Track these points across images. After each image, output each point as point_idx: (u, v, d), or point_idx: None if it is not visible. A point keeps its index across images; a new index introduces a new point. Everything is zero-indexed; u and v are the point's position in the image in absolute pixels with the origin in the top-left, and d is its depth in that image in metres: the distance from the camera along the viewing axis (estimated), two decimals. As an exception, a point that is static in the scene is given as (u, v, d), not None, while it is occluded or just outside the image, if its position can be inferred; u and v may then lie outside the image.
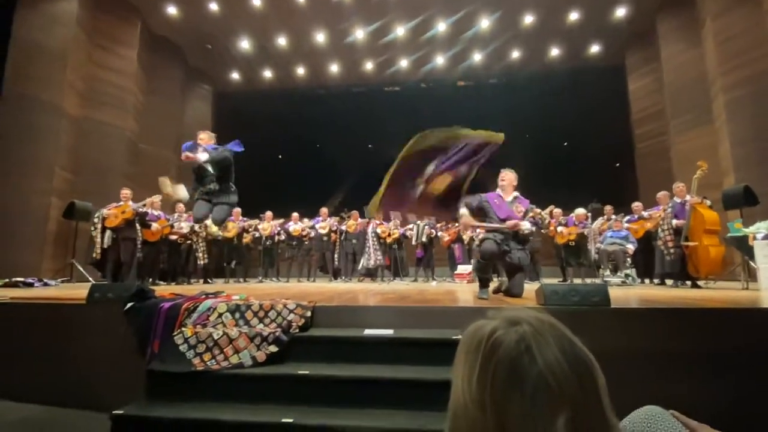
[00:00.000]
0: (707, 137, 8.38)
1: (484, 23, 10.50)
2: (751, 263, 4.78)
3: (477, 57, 12.02)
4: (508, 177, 3.79)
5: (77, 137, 8.19)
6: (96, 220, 6.36)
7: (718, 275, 5.41)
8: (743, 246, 4.84)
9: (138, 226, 6.46)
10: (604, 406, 0.53)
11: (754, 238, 4.64)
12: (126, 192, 6.47)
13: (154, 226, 6.59)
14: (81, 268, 7.05)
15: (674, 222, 5.50)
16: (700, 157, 6.45)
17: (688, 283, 5.40)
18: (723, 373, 2.18)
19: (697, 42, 8.66)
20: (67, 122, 7.82)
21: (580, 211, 7.55)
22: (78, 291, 3.96)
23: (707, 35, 8.16)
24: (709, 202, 5.29)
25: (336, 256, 8.68)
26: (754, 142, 7.16)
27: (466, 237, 8.52)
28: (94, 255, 6.10)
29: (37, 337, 2.76)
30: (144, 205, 6.41)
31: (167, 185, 4.50)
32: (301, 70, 12.85)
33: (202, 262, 7.50)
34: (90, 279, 7.01)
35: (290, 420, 1.82)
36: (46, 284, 6.02)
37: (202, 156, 4.36)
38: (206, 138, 4.65)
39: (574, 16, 10.23)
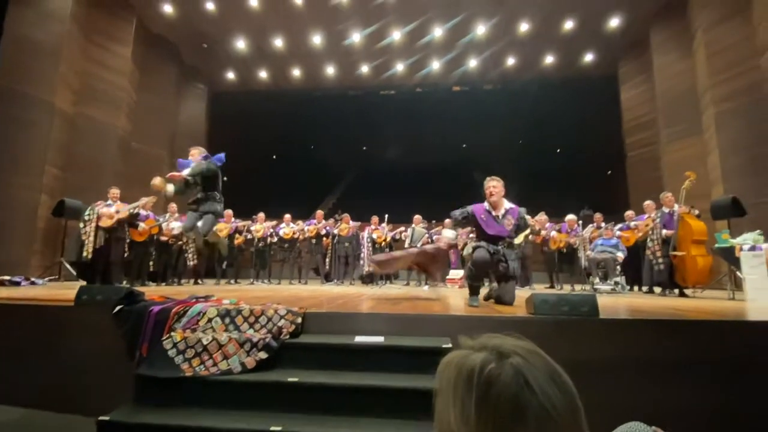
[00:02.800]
0: (697, 147, 8.50)
1: (480, 29, 10.58)
2: (738, 273, 4.85)
3: (472, 63, 12.10)
4: (497, 189, 3.60)
5: (69, 134, 8.10)
6: (87, 218, 6.23)
7: (705, 285, 5.48)
8: (730, 256, 4.92)
9: (126, 226, 6.39)
10: (584, 430, 0.54)
11: (741, 249, 4.72)
12: (115, 191, 6.38)
13: (141, 226, 6.52)
14: (70, 267, 6.96)
15: (663, 232, 5.57)
16: (690, 167, 6.55)
17: (676, 291, 5.48)
18: (709, 384, 2.22)
19: (689, 53, 8.80)
20: (58, 118, 7.73)
21: (571, 217, 7.62)
22: (66, 291, 3.92)
23: (698, 47, 8.30)
24: (697, 212, 5.37)
25: (328, 259, 8.67)
26: (742, 153, 7.29)
27: (460, 243, 8.55)
28: (85, 254, 5.95)
29: (22, 339, 2.72)
30: (136, 207, 6.35)
31: (164, 184, 4.52)
32: (296, 72, 12.84)
33: (192, 263, 7.45)
34: (79, 278, 6.93)
35: (279, 428, 1.82)
36: (33, 283, 5.93)
37: (185, 171, 4.52)
38: (196, 153, 4.82)
39: (569, 24, 10.34)
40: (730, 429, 2.13)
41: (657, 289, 6.04)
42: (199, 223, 4.59)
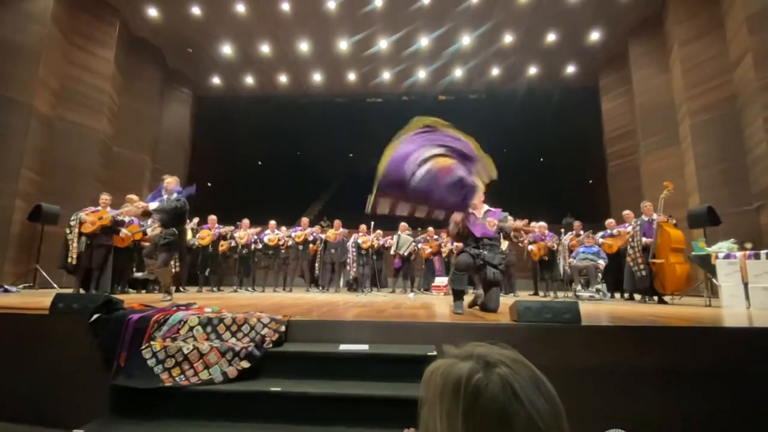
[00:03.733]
0: (674, 158, 8.76)
1: (466, 40, 10.75)
2: (714, 281, 4.99)
3: (458, 72, 12.28)
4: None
5: (47, 138, 7.90)
6: (72, 223, 6.12)
7: (683, 291, 5.62)
8: (706, 264, 5.06)
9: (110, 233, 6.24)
10: None
11: (717, 257, 4.86)
12: (105, 197, 6.26)
13: (123, 231, 6.37)
14: (45, 274, 6.75)
15: (643, 240, 5.71)
16: (668, 177, 6.75)
17: (655, 298, 5.60)
18: (688, 390, 2.26)
19: (666, 67, 9.11)
20: (36, 122, 7.54)
21: (541, 224, 7.69)
22: (40, 299, 3.80)
23: (675, 61, 8.59)
24: (674, 221, 5.52)
25: (317, 265, 8.62)
26: (717, 164, 7.54)
27: (445, 251, 8.60)
28: (69, 260, 5.83)
29: (-6, 349, 2.62)
30: (121, 214, 6.22)
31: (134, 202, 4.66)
32: (283, 78, 12.81)
33: (174, 270, 7.30)
34: (54, 285, 6.73)
35: (261, 439, 1.79)
36: (6, 290, 5.74)
37: (152, 205, 4.58)
38: (172, 183, 4.79)
39: (551, 37, 10.59)
40: (708, 433, 2.17)
41: (637, 296, 6.16)
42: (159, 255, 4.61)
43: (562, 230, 7.75)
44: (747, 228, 6.45)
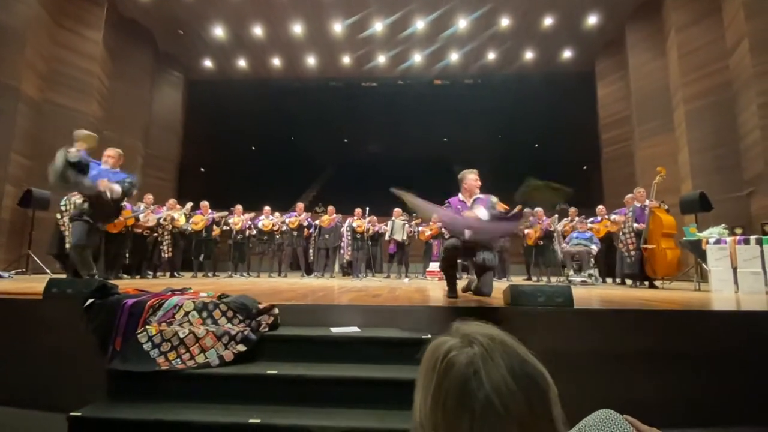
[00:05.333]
0: (669, 145, 8.79)
1: (462, 23, 10.61)
2: (704, 265, 5.07)
3: (454, 57, 12.15)
4: (468, 181, 3.72)
5: (35, 121, 7.75)
6: (63, 207, 6.05)
7: (673, 276, 5.71)
8: (697, 249, 5.13)
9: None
10: (553, 418, 0.54)
11: (707, 243, 4.92)
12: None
13: (116, 217, 6.31)
14: (38, 260, 6.70)
15: (635, 225, 5.76)
16: (661, 164, 6.77)
17: (646, 283, 5.68)
18: (678, 372, 2.31)
19: (663, 53, 9.06)
20: (24, 105, 7.39)
21: (537, 209, 7.78)
22: (33, 284, 3.78)
23: (671, 47, 8.55)
24: (666, 206, 5.56)
25: (311, 251, 8.63)
26: (710, 151, 7.58)
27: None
28: (67, 245, 5.72)
29: (-12, 334, 2.62)
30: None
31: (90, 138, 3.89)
32: (276, 61, 12.60)
33: (167, 255, 7.30)
34: (47, 271, 6.69)
35: (258, 420, 1.81)
36: (-2, 276, 5.70)
37: (117, 188, 3.87)
38: (114, 157, 4.14)
39: (548, 21, 10.48)
40: (698, 415, 2.23)
41: (628, 281, 6.25)
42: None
43: (556, 216, 7.80)
44: (738, 214, 6.53)
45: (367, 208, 8.52)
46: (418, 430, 0.56)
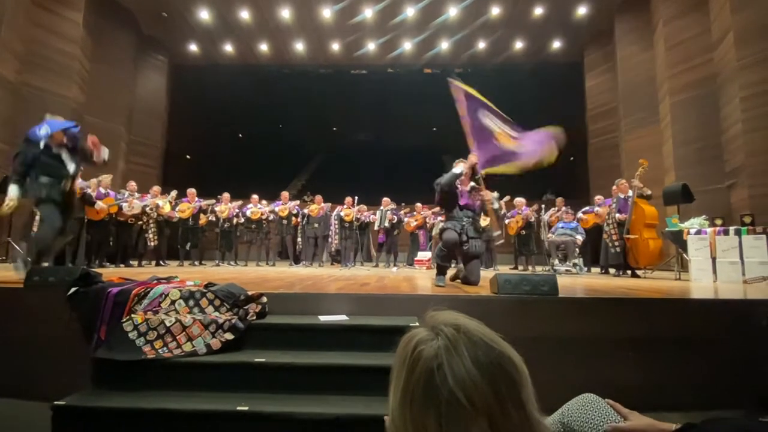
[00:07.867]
0: (654, 136, 8.92)
1: (452, 11, 10.52)
2: (684, 255, 5.19)
3: (444, 45, 12.07)
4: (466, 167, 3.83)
5: (13, 105, 7.50)
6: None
7: (655, 266, 5.84)
8: (678, 240, 5.25)
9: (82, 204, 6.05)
10: (524, 404, 0.53)
11: (688, 233, 5.04)
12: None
13: (99, 204, 6.19)
14: (18, 247, 6.54)
15: (617, 216, 5.87)
16: (646, 155, 6.89)
17: (629, 272, 5.81)
18: (657, 357, 2.39)
19: (650, 45, 9.13)
20: (1, 88, 7.14)
21: (519, 199, 7.90)
22: (13, 272, 3.70)
23: (659, 39, 8.61)
24: (648, 192, 5.64)
25: (299, 240, 8.60)
26: (694, 143, 7.71)
27: (430, 223, 8.68)
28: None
29: (-32, 323, 2.56)
30: (89, 187, 6.00)
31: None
32: (264, 47, 12.36)
33: (152, 243, 7.19)
34: (28, 259, 6.53)
35: (245, 408, 1.81)
36: (-23, 264, 5.56)
37: (105, 154, 3.63)
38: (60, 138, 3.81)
39: (538, 11, 10.46)
40: (677, 398, 2.30)
41: (612, 270, 6.38)
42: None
43: (543, 206, 7.89)
44: (718, 205, 6.68)
45: (356, 198, 8.50)
46: (391, 427, 0.56)
